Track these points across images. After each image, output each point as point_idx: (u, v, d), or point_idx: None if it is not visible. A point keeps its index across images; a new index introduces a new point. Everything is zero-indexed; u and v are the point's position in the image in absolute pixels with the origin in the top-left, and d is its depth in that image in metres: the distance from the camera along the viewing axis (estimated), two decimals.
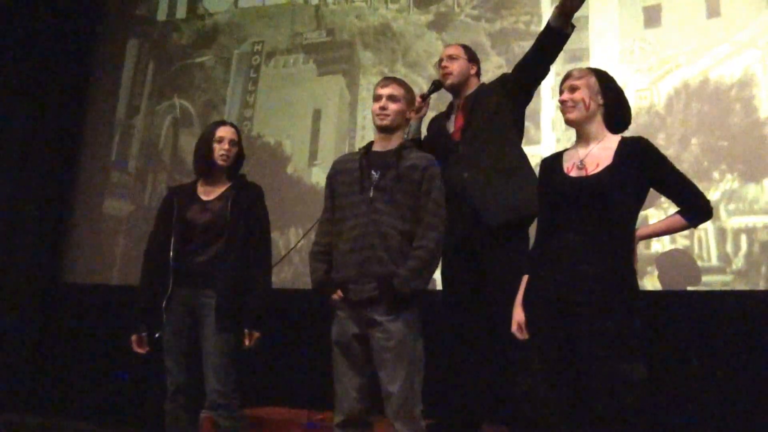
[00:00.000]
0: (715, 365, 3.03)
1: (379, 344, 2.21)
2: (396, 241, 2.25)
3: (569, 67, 3.72)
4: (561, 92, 2.17)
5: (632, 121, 3.44)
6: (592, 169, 2.05)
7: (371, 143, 2.44)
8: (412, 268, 2.21)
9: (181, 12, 5.23)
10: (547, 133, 3.68)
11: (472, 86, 2.82)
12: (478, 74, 2.88)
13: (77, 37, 5.37)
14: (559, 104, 2.19)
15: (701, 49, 3.42)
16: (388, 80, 2.44)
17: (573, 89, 2.13)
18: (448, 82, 2.80)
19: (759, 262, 3.13)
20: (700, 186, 2.09)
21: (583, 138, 2.16)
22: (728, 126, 3.31)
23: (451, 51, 2.84)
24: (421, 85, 3.96)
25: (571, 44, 3.69)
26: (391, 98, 2.36)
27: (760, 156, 3.21)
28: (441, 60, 2.84)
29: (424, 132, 2.93)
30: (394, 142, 2.38)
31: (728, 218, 3.20)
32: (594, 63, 3.65)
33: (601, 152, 2.08)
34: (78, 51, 5.37)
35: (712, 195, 3.23)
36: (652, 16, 3.57)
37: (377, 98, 2.38)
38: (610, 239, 1.97)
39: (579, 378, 1.94)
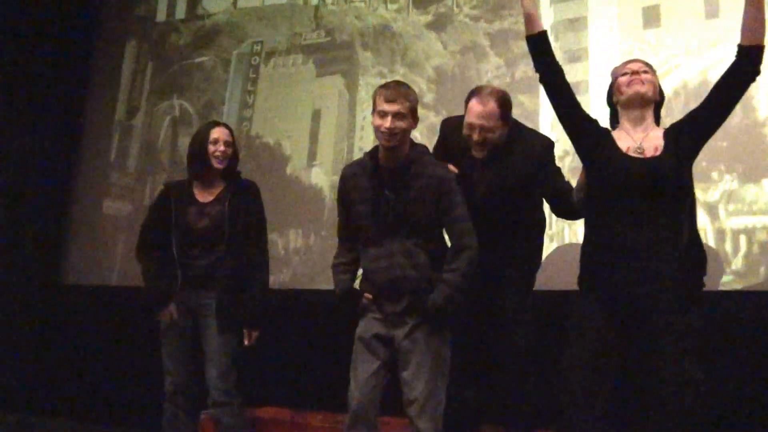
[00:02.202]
0: (714, 366, 3.02)
1: (406, 344, 2.21)
2: (423, 259, 2.24)
3: (567, 67, 3.70)
4: (627, 72, 2.12)
5: None
6: (651, 153, 2.02)
7: (376, 151, 2.33)
8: (447, 295, 2.19)
9: (180, 12, 5.23)
10: (546, 133, 3.68)
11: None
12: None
13: (76, 37, 5.37)
14: (628, 74, 2.12)
15: (700, 50, 3.42)
16: (394, 94, 2.24)
17: (646, 72, 2.12)
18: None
19: (758, 262, 3.13)
20: (699, 186, 2.10)
21: (636, 121, 2.12)
22: (727, 126, 3.26)
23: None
24: (420, 85, 3.97)
25: (570, 45, 3.72)
26: (398, 116, 2.22)
27: (759, 156, 3.21)
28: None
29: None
30: (401, 153, 2.28)
31: (727, 218, 3.20)
32: (593, 63, 3.65)
33: (654, 140, 2.06)
34: (77, 51, 5.37)
35: (712, 195, 3.23)
36: (651, 17, 3.57)
37: (382, 114, 2.22)
38: (680, 233, 1.96)
39: (634, 376, 1.94)
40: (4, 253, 4.96)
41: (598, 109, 3.54)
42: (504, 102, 2.45)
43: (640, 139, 2.06)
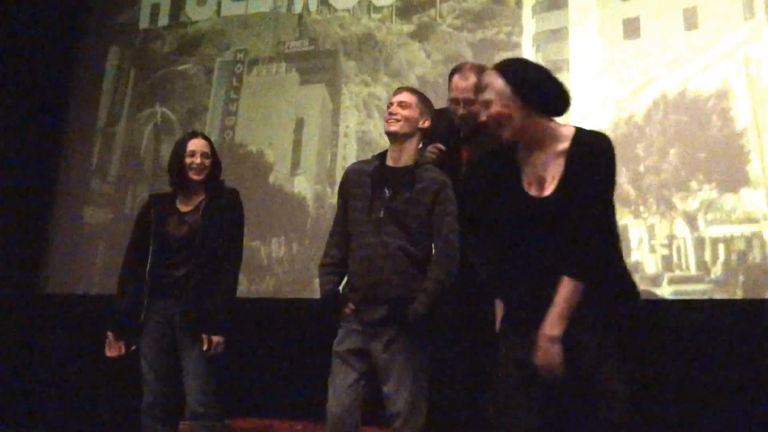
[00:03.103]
0: (692, 375, 3.05)
1: (385, 357, 2.20)
2: (406, 264, 2.23)
3: None
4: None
5: (612, 131, 3.49)
6: (550, 184, 1.77)
7: (385, 153, 2.39)
8: (425, 303, 2.19)
9: (163, 20, 5.20)
10: None
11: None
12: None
13: (58, 43, 5.33)
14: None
15: (680, 61, 3.47)
16: (401, 89, 2.42)
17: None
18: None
19: (737, 271, 3.16)
20: (678, 196, 2.09)
21: (529, 146, 1.81)
22: (706, 137, 3.35)
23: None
24: None
25: (551, 55, 3.76)
26: (402, 104, 2.32)
27: (737, 166, 3.26)
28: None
29: None
30: (407, 154, 2.32)
31: (706, 227, 3.24)
32: (574, 74, 3.69)
33: (553, 159, 1.77)
34: (59, 58, 5.32)
35: (691, 204, 3.27)
36: (631, 28, 3.62)
37: (389, 105, 2.36)
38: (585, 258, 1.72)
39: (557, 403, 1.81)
40: None
41: (579, 120, 3.59)
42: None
43: (540, 166, 1.82)
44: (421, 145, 2.47)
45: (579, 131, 1.79)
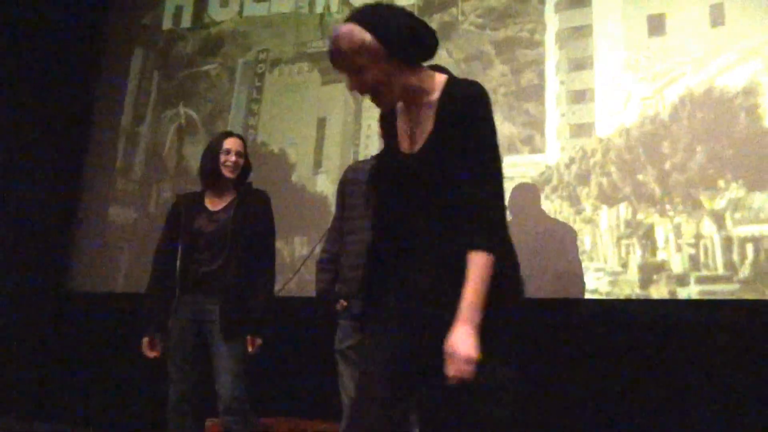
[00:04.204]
0: (720, 375, 3.01)
1: None
2: None
3: (573, 75, 3.74)
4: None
5: (637, 129, 3.45)
6: (420, 138, 1.55)
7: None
8: None
9: (186, 21, 5.25)
10: (551, 141, 3.69)
11: None
12: None
13: (84, 45, 5.40)
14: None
15: (706, 58, 3.42)
16: None
17: (356, 73, 1.52)
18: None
19: (765, 271, 3.11)
20: (705, 194, 2.06)
21: (405, 101, 1.59)
22: (733, 134, 3.30)
23: None
24: None
25: (575, 52, 3.73)
26: None
27: (766, 164, 3.20)
28: None
29: None
30: None
31: (734, 227, 3.19)
32: (599, 71, 3.65)
33: (425, 111, 1.55)
34: (84, 60, 5.40)
35: (718, 203, 3.22)
36: (656, 25, 3.58)
37: None
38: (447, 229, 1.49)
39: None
40: (11, 260, 4.97)
41: (604, 117, 3.56)
42: None
43: (413, 119, 1.59)
44: None
45: (450, 80, 1.57)
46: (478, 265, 1.41)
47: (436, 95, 1.54)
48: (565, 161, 3.63)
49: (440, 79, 1.57)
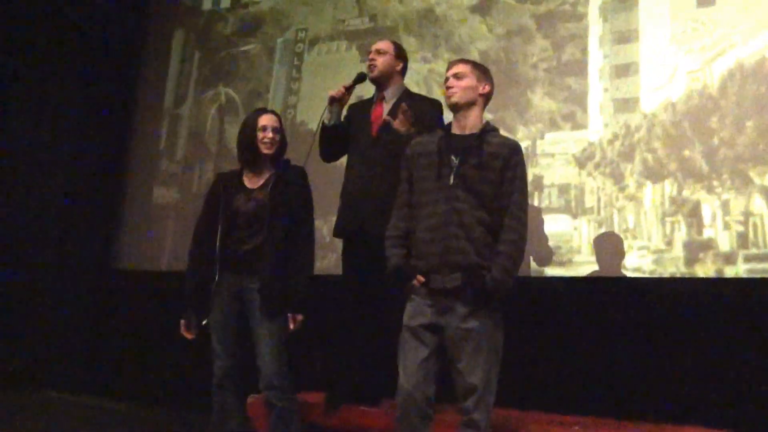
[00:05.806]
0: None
1: (459, 334, 2.16)
2: (479, 232, 2.20)
3: (617, 48, 3.64)
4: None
5: (684, 103, 3.35)
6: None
7: (450, 124, 2.40)
8: (505, 268, 2.17)
9: (225, 1, 5.28)
10: (594, 117, 3.61)
11: (396, 82, 3.05)
12: (403, 72, 3.11)
13: (125, 28, 5.49)
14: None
15: (758, 28, 3.28)
16: (452, 62, 2.44)
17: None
18: (372, 75, 3.02)
19: None
20: (755, 170, 2.00)
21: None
22: None
23: (380, 46, 3.06)
24: None
25: (619, 25, 3.63)
26: (456, 76, 2.34)
27: None
28: (369, 52, 3.06)
29: None
30: (472, 122, 2.33)
31: None
32: (644, 44, 3.55)
33: None
34: (126, 42, 5.49)
35: None
36: None
37: (445, 81, 2.37)
38: None
39: None
40: (59, 239, 5.13)
41: (649, 92, 3.47)
42: (399, 45, 3.19)
43: None
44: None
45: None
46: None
47: None
48: (608, 137, 3.55)
49: None
